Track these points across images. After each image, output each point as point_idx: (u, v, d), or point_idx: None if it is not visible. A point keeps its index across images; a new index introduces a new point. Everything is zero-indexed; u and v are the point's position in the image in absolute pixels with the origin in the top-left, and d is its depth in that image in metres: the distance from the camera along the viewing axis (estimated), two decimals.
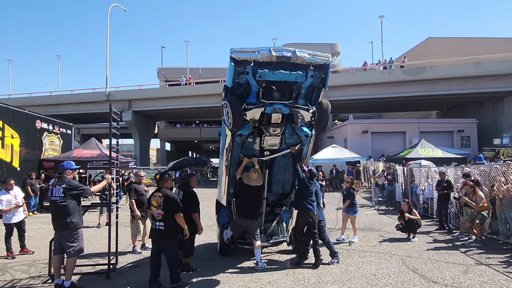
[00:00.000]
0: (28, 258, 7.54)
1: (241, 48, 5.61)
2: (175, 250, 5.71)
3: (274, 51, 5.53)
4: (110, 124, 6.34)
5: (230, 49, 5.56)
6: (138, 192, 8.00)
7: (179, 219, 5.64)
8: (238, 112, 5.78)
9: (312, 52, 5.85)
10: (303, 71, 5.84)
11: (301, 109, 6.07)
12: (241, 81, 5.88)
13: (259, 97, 5.95)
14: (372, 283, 5.77)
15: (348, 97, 30.45)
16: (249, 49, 5.59)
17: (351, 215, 9.08)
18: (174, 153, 54.51)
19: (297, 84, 6.01)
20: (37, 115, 16.23)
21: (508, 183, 8.47)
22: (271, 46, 5.67)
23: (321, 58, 5.82)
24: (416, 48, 41.13)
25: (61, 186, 5.54)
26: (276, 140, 6.60)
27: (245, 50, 5.59)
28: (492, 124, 29.06)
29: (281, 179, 7.52)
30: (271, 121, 6.17)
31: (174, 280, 5.52)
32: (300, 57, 5.64)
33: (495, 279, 5.94)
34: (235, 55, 5.52)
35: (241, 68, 5.66)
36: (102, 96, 34.10)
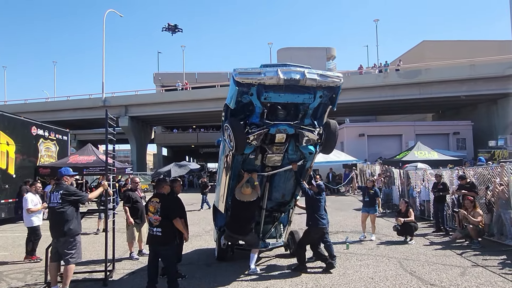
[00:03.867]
0: (25, 265, 7.48)
1: (246, 70, 5.23)
2: (173, 256, 5.68)
3: (281, 73, 5.18)
4: (107, 130, 6.34)
5: (234, 70, 5.24)
6: (132, 199, 7.98)
7: (177, 224, 5.62)
8: (241, 136, 5.53)
9: (323, 73, 5.51)
10: (311, 93, 5.56)
11: (307, 130, 5.88)
12: (244, 100, 5.54)
13: (263, 117, 5.67)
14: (370, 287, 5.77)
15: (344, 100, 30.48)
16: (254, 70, 5.23)
17: (372, 214, 9.22)
18: (171, 158, 54.38)
19: (304, 105, 5.77)
20: (33, 122, 16.17)
21: (503, 184, 8.54)
22: (278, 67, 5.30)
23: (332, 79, 5.51)
24: (411, 52, 41.42)
25: (58, 193, 5.52)
26: (278, 157, 6.44)
27: (250, 71, 5.22)
28: (487, 126, 29.24)
29: (281, 189, 7.50)
30: (275, 141, 5.97)
31: (172, 286, 5.50)
32: (310, 80, 5.29)
33: (492, 280, 5.97)
34: (239, 78, 5.16)
35: (244, 89, 5.33)
36: (98, 102, 34.06)
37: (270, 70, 5.23)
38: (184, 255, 8.18)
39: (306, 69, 5.42)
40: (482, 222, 8.71)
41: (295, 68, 5.37)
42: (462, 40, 40.33)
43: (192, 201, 21.15)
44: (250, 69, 5.26)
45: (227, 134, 5.75)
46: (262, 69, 5.24)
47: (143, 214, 7.93)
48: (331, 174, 24.65)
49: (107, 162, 6.53)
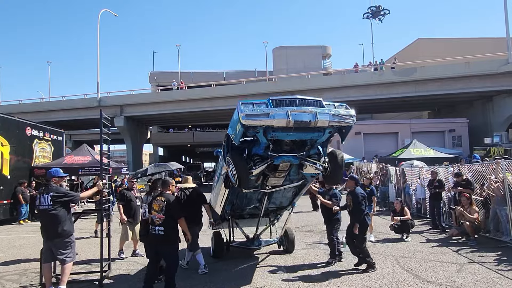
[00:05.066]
0: (20, 267, 7.42)
1: (253, 111, 4.95)
2: (176, 255, 5.60)
3: (291, 116, 4.91)
4: (101, 130, 6.29)
5: (240, 110, 4.93)
6: (126, 197, 8.02)
7: (182, 224, 5.56)
8: (245, 173, 5.43)
9: (335, 112, 5.27)
10: (321, 131, 5.41)
11: (311, 162, 5.77)
12: (249, 135, 5.34)
13: (268, 149, 5.46)
14: (366, 284, 5.77)
15: (339, 99, 30.50)
16: (262, 112, 4.95)
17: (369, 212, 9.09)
18: (167, 158, 54.25)
19: (312, 140, 5.65)
20: (28, 122, 16.05)
21: (498, 181, 8.57)
22: (288, 108, 5.01)
23: (345, 120, 5.33)
24: (406, 50, 41.53)
25: (49, 194, 5.45)
26: (280, 180, 6.38)
27: (258, 113, 4.94)
28: (482, 123, 29.39)
29: (279, 199, 7.56)
30: (278, 168, 5.88)
31: (169, 285, 5.47)
32: (322, 121, 5.10)
33: (488, 277, 5.98)
34: (247, 121, 4.90)
35: (251, 129, 5.14)
36: (93, 102, 33.89)
37: (280, 112, 4.97)
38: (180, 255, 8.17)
39: (318, 108, 5.18)
40: (478, 219, 8.75)
41: (307, 108, 5.12)
42: (457, 38, 40.49)
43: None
44: (258, 109, 5.01)
45: (230, 167, 5.63)
46: (271, 110, 4.99)
47: (136, 213, 7.97)
48: None
49: (102, 162, 6.47)
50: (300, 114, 4.99)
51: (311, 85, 31.00)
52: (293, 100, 5.26)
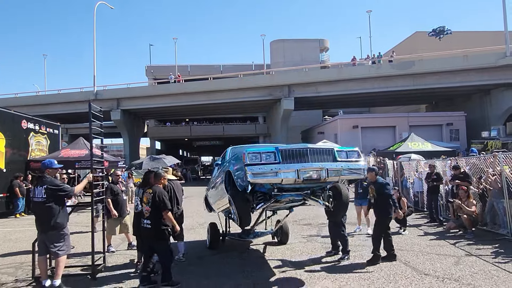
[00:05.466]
0: (16, 260, 7.37)
1: (261, 170, 4.72)
2: (166, 250, 5.56)
3: (301, 174, 4.75)
4: (90, 124, 6.20)
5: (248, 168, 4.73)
6: (114, 191, 7.97)
7: (167, 217, 5.49)
8: (247, 215, 5.40)
9: (345, 166, 5.05)
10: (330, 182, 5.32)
11: (314, 200, 5.74)
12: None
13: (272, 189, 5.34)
14: (364, 277, 5.76)
15: (337, 92, 30.54)
16: (270, 171, 4.74)
17: (365, 206, 9.06)
18: (164, 151, 54.07)
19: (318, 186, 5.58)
20: (23, 115, 15.90)
21: (495, 174, 8.57)
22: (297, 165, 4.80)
23: (355, 174, 5.20)
24: (404, 43, 41.43)
25: (42, 187, 5.37)
26: (281, 206, 6.36)
27: (265, 172, 4.73)
28: (480, 117, 29.42)
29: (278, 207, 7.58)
30: (280, 201, 5.79)
31: (165, 278, 5.43)
32: (332, 178, 4.99)
33: (486, 269, 5.98)
34: (254, 180, 4.77)
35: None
36: (90, 95, 33.60)
37: (289, 171, 4.79)
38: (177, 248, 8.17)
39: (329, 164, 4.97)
40: (476, 211, 8.76)
41: (317, 165, 4.91)
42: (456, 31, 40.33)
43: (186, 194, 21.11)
44: (266, 168, 4.76)
45: (232, 207, 5.56)
46: (279, 169, 4.77)
47: (123, 207, 8.04)
48: None
49: (92, 155, 6.39)
50: (310, 172, 4.85)
51: (309, 78, 30.89)
52: (304, 151, 5.04)
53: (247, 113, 45.28)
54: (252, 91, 32.30)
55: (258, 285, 5.54)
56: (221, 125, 47.34)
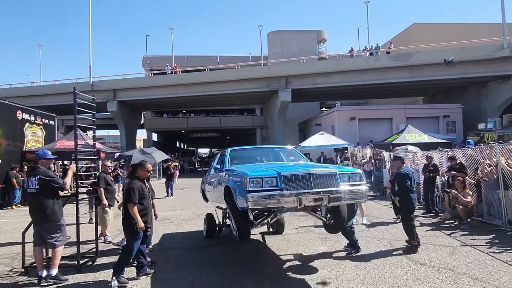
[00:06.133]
0: (12, 250, 7.37)
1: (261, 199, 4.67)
2: (128, 243, 5.38)
3: (303, 201, 4.75)
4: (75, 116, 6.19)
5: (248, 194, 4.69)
6: (106, 181, 7.95)
7: (131, 210, 5.34)
8: (245, 229, 5.42)
9: (347, 192, 5.00)
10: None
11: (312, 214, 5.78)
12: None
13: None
14: (360, 267, 5.79)
15: (334, 84, 30.46)
16: (272, 199, 4.68)
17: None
18: (161, 143, 53.98)
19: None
20: (18, 106, 15.78)
21: (491, 165, 8.60)
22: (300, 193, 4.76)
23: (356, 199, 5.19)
24: (402, 34, 41.23)
25: (35, 178, 5.32)
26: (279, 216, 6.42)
27: (267, 198, 4.68)
28: (476, 109, 29.47)
29: None
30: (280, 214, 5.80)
31: (115, 271, 5.25)
32: (333, 203, 5.01)
33: (480, 259, 6.03)
34: (255, 207, 4.76)
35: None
36: (86, 86, 33.28)
37: (290, 199, 4.75)
38: (175, 239, 8.21)
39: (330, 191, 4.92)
40: (471, 202, 8.81)
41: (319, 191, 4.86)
42: (453, 23, 40.26)
43: (183, 185, 21.14)
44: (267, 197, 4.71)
45: (231, 220, 5.60)
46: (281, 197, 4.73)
47: (113, 197, 8.13)
48: (322, 158, 24.70)
49: (76, 146, 6.36)
50: (311, 199, 4.84)
51: (306, 70, 30.76)
52: (307, 176, 4.96)
53: (244, 105, 45.14)
54: (249, 82, 32.15)
55: (255, 274, 5.56)
56: (218, 117, 47.22)
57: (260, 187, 4.78)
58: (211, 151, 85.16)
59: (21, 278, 5.65)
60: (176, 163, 28.16)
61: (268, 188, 4.79)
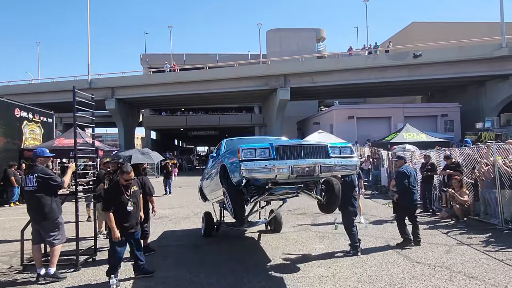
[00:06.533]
0: (11, 248, 7.38)
1: (255, 166, 4.77)
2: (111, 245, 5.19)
3: (294, 170, 4.84)
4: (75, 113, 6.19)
5: (242, 162, 4.79)
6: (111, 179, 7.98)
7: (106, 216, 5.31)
8: (241, 207, 5.51)
9: (338, 162, 5.08)
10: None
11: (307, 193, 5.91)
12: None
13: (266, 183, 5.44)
14: (357, 265, 5.83)
15: (333, 82, 30.48)
16: (264, 167, 4.79)
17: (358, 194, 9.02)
18: (160, 141, 53.95)
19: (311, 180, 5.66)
20: (16, 103, 15.74)
21: (489, 164, 8.65)
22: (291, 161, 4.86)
23: (347, 170, 5.25)
24: (400, 33, 41.28)
25: (33, 175, 5.32)
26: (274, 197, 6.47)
27: (259, 168, 4.78)
28: (474, 108, 29.55)
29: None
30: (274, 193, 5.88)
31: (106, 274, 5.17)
32: (324, 174, 5.11)
33: (476, 258, 6.08)
34: (248, 175, 4.84)
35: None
36: (84, 84, 33.21)
37: (282, 167, 4.86)
38: (173, 237, 8.23)
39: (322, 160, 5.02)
40: (468, 201, 8.86)
41: (311, 161, 4.96)
42: (452, 22, 40.31)
43: (182, 184, 21.16)
44: (260, 165, 4.81)
45: (226, 199, 5.68)
46: (273, 165, 4.83)
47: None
48: None
49: (76, 145, 6.36)
50: (304, 169, 4.94)
51: (305, 68, 30.77)
52: (298, 147, 5.07)
53: (243, 103, 45.15)
54: (248, 80, 32.14)
55: (252, 271, 5.59)
56: (216, 115, 47.21)
57: (253, 156, 4.89)
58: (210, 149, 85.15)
59: (20, 276, 5.67)
60: (175, 161, 28.22)
61: (260, 159, 4.90)
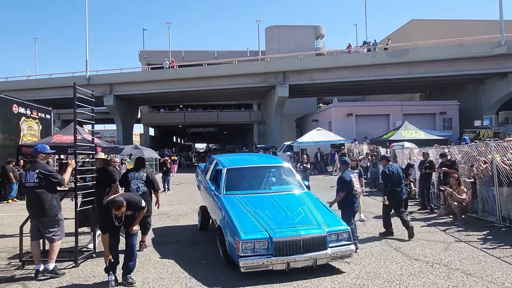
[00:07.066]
0: (9, 244, 7.36)
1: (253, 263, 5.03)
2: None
3: (291, 264, 5.11)
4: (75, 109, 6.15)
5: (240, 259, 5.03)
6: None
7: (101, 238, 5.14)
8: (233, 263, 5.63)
9: (334, 254, 5.29)
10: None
11: None
12: None
13: None
14: (355, 262, 5.84)
15: (332, 80, 30.47)
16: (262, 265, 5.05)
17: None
18: (158, 138, 53.88)
19: None
20: (14, 99, 15.67)
21: (487, 162, 8.67)
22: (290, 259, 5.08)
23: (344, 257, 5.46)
24: (400, 30, 41.27)
25: (35, 171, 5.32)
26: None
27: (258, 265, 5.05)
28: (473, 106, 29.60)
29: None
30: None
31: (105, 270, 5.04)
32: (320, 262, 5.26)
33: (474, 255, 6.11)
34: (244, 270, 5.05)
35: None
36: (82, 80, 33.07)
37: (279, 263, 5.09)
38: (172, 233, 8.23)
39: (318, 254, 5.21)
40: (466, 199, 8.89)
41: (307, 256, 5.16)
42: (451, 20, 40.28)
43: (180, 180, 21.14)
44: (258, 261, 5.04)
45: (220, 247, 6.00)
46: (270, 263, 5.06)
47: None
48: (319, 153, 24.78)
49: (76, 142, 6.33)
50: (299, 263, 5.18)
51: (304, 65, 30.72)
52: (297, 242, 5.18)
53: (241, 100, 45.10)
54: (246, 77, 32.08)
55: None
56: (215, 112, 47.15)
57: (252, 251, 5.12)
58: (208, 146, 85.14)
59: (18, 272, 5.66)
60: (175, 157, 28.19)
61: (259, 254, 5.12)
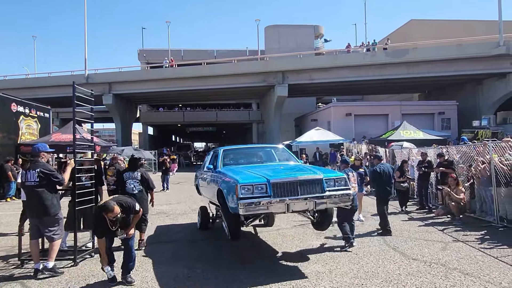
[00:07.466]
0: (7, 243, 7.37)
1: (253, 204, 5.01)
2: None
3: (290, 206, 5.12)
4: (74, 108, 6.17)
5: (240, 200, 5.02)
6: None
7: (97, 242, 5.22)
8: (237, 230, 5.75)
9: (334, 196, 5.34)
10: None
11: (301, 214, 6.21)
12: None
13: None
14: (354, 261, 5.86)
15: (331, 79, 30.47)
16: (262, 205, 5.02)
17: (360, 193, 9.04)
18: (157, 137, 53.80)
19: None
20: (13, 98, 15.67)
21: (485, 162, 8.70)
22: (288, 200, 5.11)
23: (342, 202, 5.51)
24: (399, 30, 41.28)
25: (35, 170, 5.32)
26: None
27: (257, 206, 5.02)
28: (471, 106, 29.64)
29: None
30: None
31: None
32: (319, 207, 5.36)
33: (472, 254, 6.13)
34: (245, 212, 5.07)
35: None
36: (81, 79, 33.03)
37: (279, 205, 5.10)
38: (170, 232, 8.25)
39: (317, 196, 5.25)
40: (464, 199, 8.92)
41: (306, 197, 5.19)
42: (450, 20, 40.31)
43: (179, 180, 21.15)
44: (257, 202, 5.02)
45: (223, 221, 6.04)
46: (270, 204, 5.06)
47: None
48: (318, 153, 24.78)
49: (75, 141, 6.33)
50: (298, 205, 5.22)
51: (303, 65, 30.71)
52: (295, 183, 5.23)
53: (240, 100, 45.03)
54: (246, 77, 32.06)
55: (249, 267, 5.62)
56: (214, 111, 47.09)
57: (251, 194, 5.10)
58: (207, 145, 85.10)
59: (17, 271, 5.67)
60: (174, 156, 28.20)
61: (258, 195, 5.11)
